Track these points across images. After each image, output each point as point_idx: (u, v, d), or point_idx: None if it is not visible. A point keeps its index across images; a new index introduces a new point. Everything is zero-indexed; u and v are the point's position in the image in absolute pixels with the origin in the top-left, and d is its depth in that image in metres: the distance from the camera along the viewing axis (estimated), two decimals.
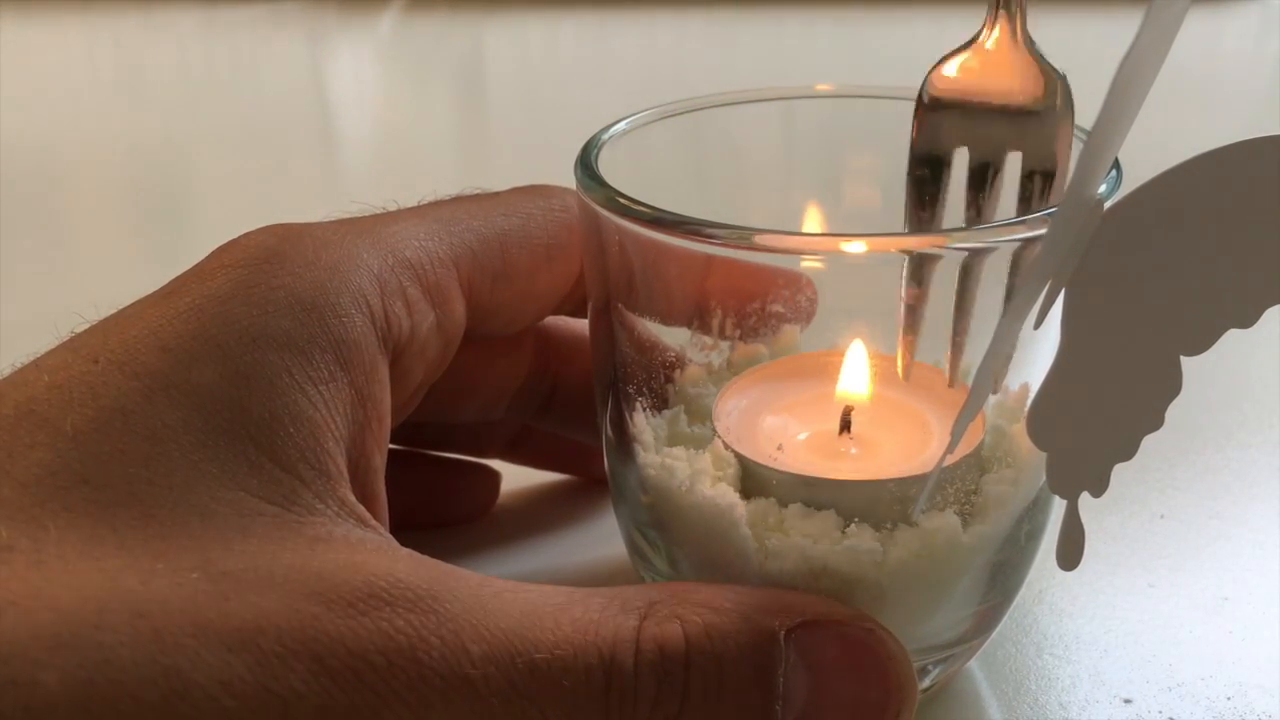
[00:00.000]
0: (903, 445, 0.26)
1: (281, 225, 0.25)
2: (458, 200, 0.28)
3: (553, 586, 0.21)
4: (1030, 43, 0.26)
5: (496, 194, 0.28)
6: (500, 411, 0.31)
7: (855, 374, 0.27)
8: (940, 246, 0.23)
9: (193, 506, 0.20)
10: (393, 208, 0.27)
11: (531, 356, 0.31)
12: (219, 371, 0.21)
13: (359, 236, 0.25)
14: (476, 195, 0.28)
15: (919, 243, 0.23)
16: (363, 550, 0.20)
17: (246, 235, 0.25)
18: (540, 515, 0.34)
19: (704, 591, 0.22)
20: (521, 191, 0.28)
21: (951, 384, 0.27)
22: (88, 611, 0.18)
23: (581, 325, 0.30)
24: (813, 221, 0.30)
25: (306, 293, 0.23)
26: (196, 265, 0.24)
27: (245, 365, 0.22)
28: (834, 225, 0.30)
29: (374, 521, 0.22)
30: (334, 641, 0.18)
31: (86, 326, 0.23)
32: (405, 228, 0.26)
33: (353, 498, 0.22)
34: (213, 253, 0.24)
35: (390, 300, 0.24)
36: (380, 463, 0.24)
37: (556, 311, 0.29)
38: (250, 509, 0.20)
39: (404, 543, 0.22)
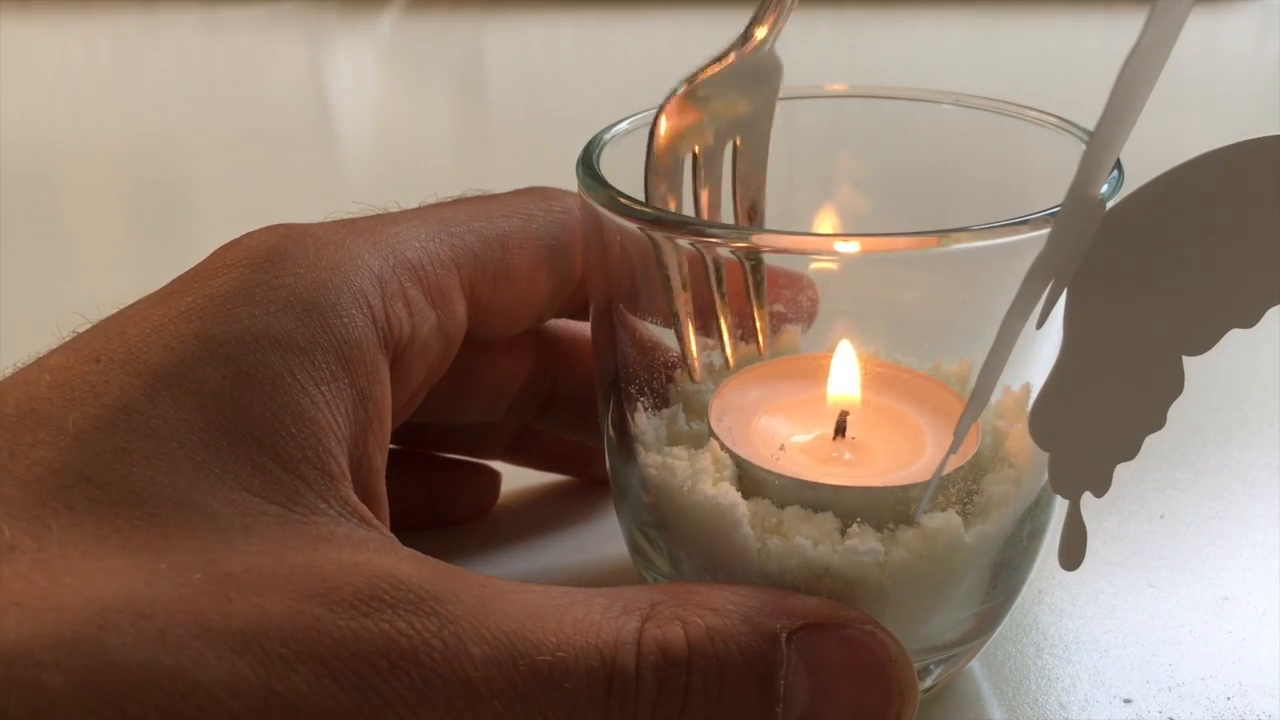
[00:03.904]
0: (897, 451, 0.26)
1: (283, 225, 0.25)
2: (459, 202, 0.28)
3: (555, 587, 0.21)
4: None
5: (497, 195, 0.28)
6: (501, 413, 0.31)
7: (850, 377, 0.27)
8: (936, 247, 0.23)
9: (195, 506, 0.20)
10: (394, 209, 0.27)
11: (532, 358, 0.31)
12: (221, 371, 0.21)
13: (360, 237, 0.25)
14: (478, 197, 0.28)
15: (917, 243, 0.23)
16: (365, 550, 0.20)
17: (249, 235, 0.25)
18: (540, 515, 0.34)
19: (706, 593, 0.22)
20: (523, 193, 0.28)
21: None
22: (91, 612, 0.18)
23: (582, 327, 0.30)
24: (813, 221, 0.30)
25: (308, 293, 0.23)
26: (198, 265, 0.24)
27: (247, 365, 0.22)
28: (834, 225, 0.30)
29: (376, 521, 0.22)
30: (336, 643, 0.18)
31: (88, 326, 0.23)
32: (406, 229, 0.26)
33: (355, 497, 0.22)
34: (214, 252, 0.24)
35: (391, 301, 0.24)
36: (381, 463, 0.24)
37: (558, 314, 0.30)
38: (253, 509, 0.20)
39: (404, 543, 0.22)
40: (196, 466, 0.20)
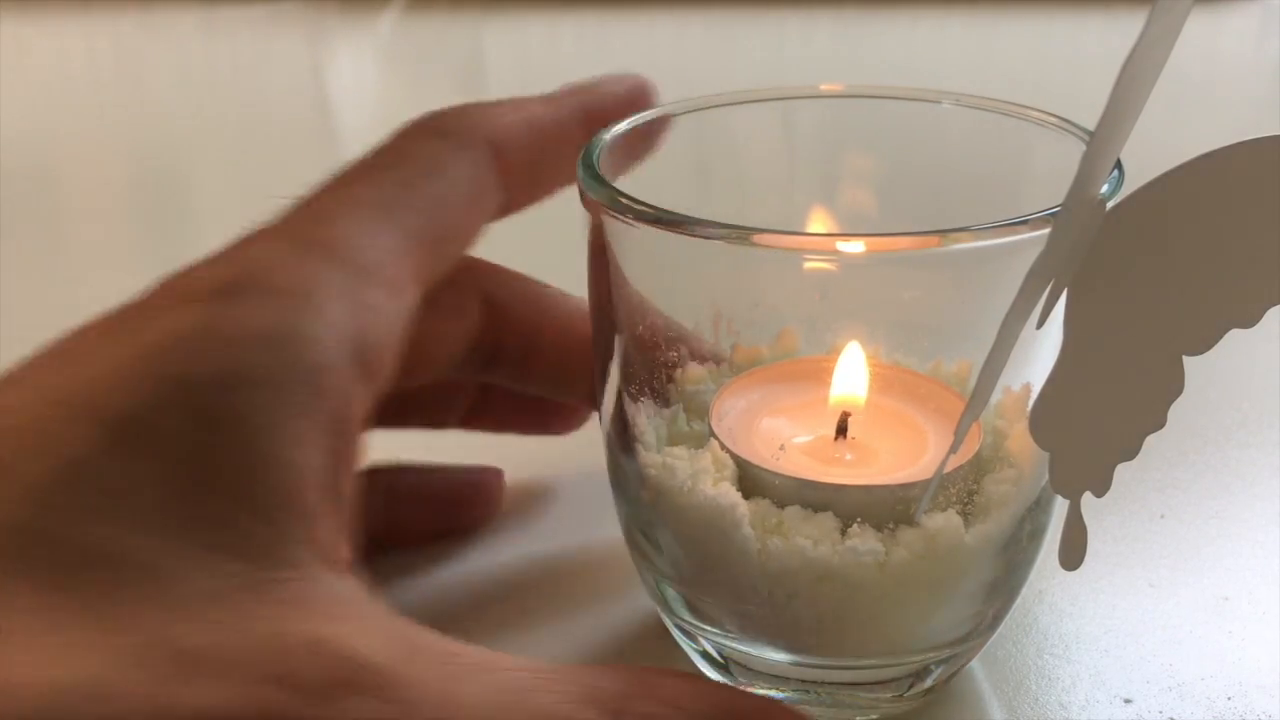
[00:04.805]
0: (899, 452, 0.26)
1: (225, 252, 0.24)
2: (371, 169, 0.26)
3: (525, 664, 0.20)
4: None
5: (404, 151, 0.27)
6: (448, 370, 0.30)
7: (851, 379, 0.27)
8: (937, 247, 0.23)
9: (159, 570, 0.19)
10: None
11: (478, 321, 0.30)
12: (187, 417, 0.20)
13: (309, 251, 0.24)
14: (384, 155, 0.27)
15: (917, 243, 0.23)
16: (332, 617, 0.19)
17: (196, 266, 0.23)
18: (540, 513, 0.34)
19: (673, 687, 0.21)
20: (424, 137, 0.27)
21: None
22: (52, 693, 0.17)
23: (528, 282, 0.30)
24: (814, 221, 0.30)
25: (275, 324, 0.22)
26: (147, 298, 0.23)
27: (216, 410, 0.20)
28: (833, 225, 0.30)
29: (347, 562, 0.21)
30: None
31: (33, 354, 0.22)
32: (350, 227, 0.24)
33: (330, 535, 0.21)
34: (163, 285, 0.23)
35: (359, 313, 0.23)
36: (351, 486, 0.23)
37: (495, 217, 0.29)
38: (219, 569, 0.19)
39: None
40: (160, 526, 0.19)
